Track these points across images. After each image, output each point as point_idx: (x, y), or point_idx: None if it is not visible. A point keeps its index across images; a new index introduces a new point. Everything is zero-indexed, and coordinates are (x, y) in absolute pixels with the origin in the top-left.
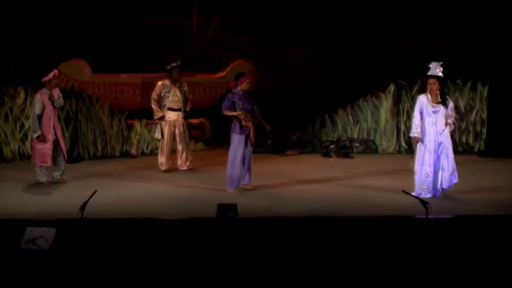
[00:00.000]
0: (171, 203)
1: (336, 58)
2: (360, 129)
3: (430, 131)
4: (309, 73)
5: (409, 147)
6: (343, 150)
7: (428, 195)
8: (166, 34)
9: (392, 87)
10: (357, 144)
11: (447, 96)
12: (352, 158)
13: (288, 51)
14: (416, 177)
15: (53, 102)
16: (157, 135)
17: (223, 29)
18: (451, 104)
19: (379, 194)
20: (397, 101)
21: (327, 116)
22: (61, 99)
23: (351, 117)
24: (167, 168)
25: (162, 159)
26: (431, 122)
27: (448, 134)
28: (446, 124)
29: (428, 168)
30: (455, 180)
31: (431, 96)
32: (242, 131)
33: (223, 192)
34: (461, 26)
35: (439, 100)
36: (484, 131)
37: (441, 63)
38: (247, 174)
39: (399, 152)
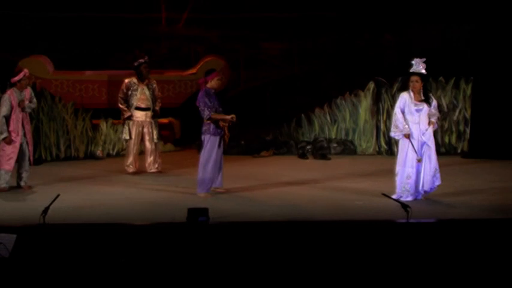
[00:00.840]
0: (139, 207)
1: (312, 54)
2: (337, 129)
3: (412, 130)
4: (284, 70)
5: (389, 147)
6: (320, 151)
7: (410, 198)
8: (133, 29)
9: (371, 85)
10: (335, 145)
11: (430, 94)
12: (329, 159)
13: (262, 46)
14: (398, 179)
15: (23, 109)
16: (125, 136)
17: (193, 24)
18: (434, 103)
19: (358, 197)
20: (376, 99)
21: (303, 115)
22: (33, 101)
23: (328, 117)
24: (135, 170)
25: (129, 161)
26: (414, 121)
27: (431, 134)
28: (430, 123)
29: (410, 170)
30: (438, 182)
31: (414, 94)
32: (217, 132)
33: (194, 195)
34: (444, 21)
35: (422, 98)
36: (468, 130)
37: (424, 59)
38: (219, 177)
39: (379, 153)
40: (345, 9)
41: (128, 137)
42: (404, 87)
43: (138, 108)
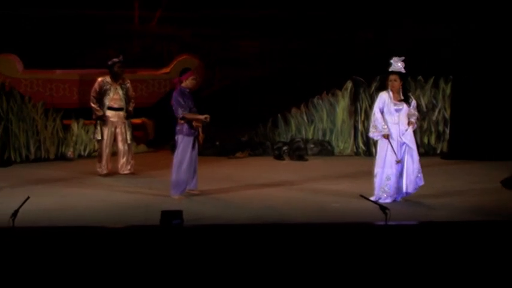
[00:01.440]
0: (112, 210)
1: (288, 52)
2: (314, 129)
3: (392, 130)
4: (260, 69)
5: (368, 148)
6: (297, 152)
7: (389, 200)
8: (106, 27)
9: (349, 84)
10: (312, 146)
11: (410, 94)
12: (306, 160)
13: (237, 45)
14: (377, 180)
15: None
16: (96, 136)
17: (167, 22)
18: (413, 102)
19: (335, 199)
20: (354, 99)
21: (279, 115)
22: None
23: (305, 117)
24: (107, 172)
25: (101, 162)
26: (393, 121)
27: (412, 134)
28: (409, 123)
29: (389, 171)
30: (421, 182)
31: (393, 93)
32: (191, 132)
33: (168, 197)
34: (423, 19)
35: (401, 98)
36: (447, 131)
37: (403, 58)
38: (193, 179)
39: (357, 153)
40: (322, 8)
41: (99, 138)
42: (382, 87)
43: (111, 108)
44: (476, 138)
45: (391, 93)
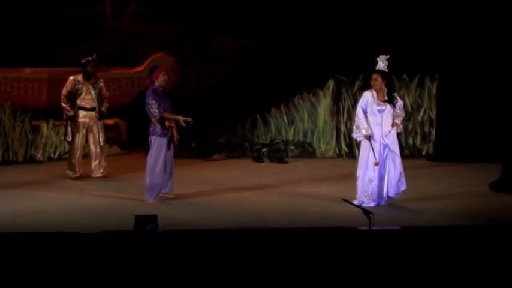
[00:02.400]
0: (83, 215)
1: (268, 51)
2: (295, 130)
3: (374, 131)
4: (238, 67)
5: (350, 150)
6: (277, 154)
7: (372, 204)
8: (76, 23)
9: (331, 84)
10: (292, 148)
11: (395, 94)
12: (286, 162)
13: (215, 42)
14: (359, 183)
15: None
16: (67, 138)
17: (141, 18)
18: (400, 103)
19: (317, 203)
20: (336, 99)
21: (258, 116)
22: None
23: (285, 117)
24: (78, 175)
25: (72, 165)
26: (376, 121)
27: (395, 136)
28: (393, 125)
29: (372, 174)
30: (403, 187)
31: (377, 93)
32: (164, 133)
33: (142, 202)
34: (408, 16)
35: (386, 98)
36: (433, 132)
37: (388, 56)
38: (169, 182)
39: (339, 155)
40: (303, 6)
41: (70, 139)
42: (366, 86)
43: (82, 109)
44: (463, 140)
45: (374, 92)
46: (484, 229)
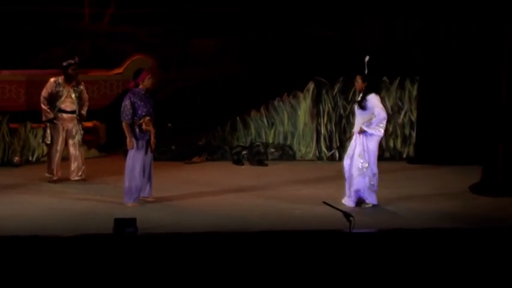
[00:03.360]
0: (62, 218)
1: (249, 52)
2: (275, 133)
3: (353, 130)
4: (218, 69)
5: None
6: (257, 156)
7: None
8: (54, 25)
9: (311, 86)
10: (272, 150)
11: (368, 97)
12: (266, 165)
13: (195, 43)
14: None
15: None
16: (46, 140)
17: (119, 20)
18: (376, 110)
19: (297, 206)
20: (316, 101)
21: (238, 118)
22: None
23: (265, 120)
24: (57, 178)
25: (51, 168)
26: (356, 121)
27: (360, 142)
28: (359, 128)
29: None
30: (350, 204)
31: (362, 94)
32: (141, 136)
33: (121, 205)
34: (388, 16)
35: (358, 99)
36: (414, 134)
37: (367, 58)
38: (148, 185)
39: (319, 158)
40: (283, 5)
41: (49, 141)
42: (346, 88)
43: (62, 111)
44: (444, 142)
45: (359, 94)
46: (465, 232)
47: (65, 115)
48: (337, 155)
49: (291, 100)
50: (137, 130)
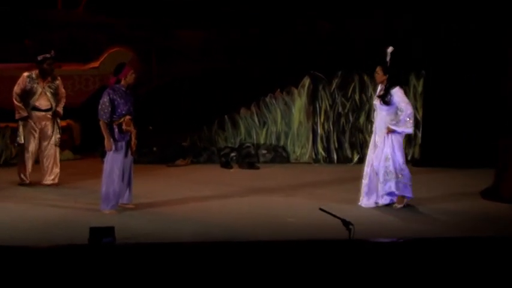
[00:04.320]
0: (33, 227)
1: (237, 44)
2: (267, 132)
3: (374, 126)
4: (204, 63)
5: (328, 154)
6: (247, 159)
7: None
8: (23, 14)
9: (307, 81)
10: (264, 152)
11: (392, 91)
12: (257, 168)
13: (179, 35)
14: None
15: None
16: (19, 140)
17: (96, 8)
18: (402, 105)
19: (291, 213)
20: (312, 97)
21: (226, 117)
22: None
23: (256, 118)
24: (28, 181)
25: (22, 171)
26: (376, 117)
27: (383, 141)
28: (387, 128)
29: (365, 169)
30: (393, 190)
31: (382, 87)
32: (121, 137)
33: (98, 212)
34: (391, 6)
35: (380, 93)
36: (419, 134)
37: (392, 48)
38: (127, 190)
39: (316, 160)
40: None
41: (22, 141)
42: (344, 83)
43: (36, 109)
44: (452, 143)
45: (380, 86)
46: (474, 241)
47: (39, 113)
48: (335, 157)
49: (284, 97)
50: (116, 130)
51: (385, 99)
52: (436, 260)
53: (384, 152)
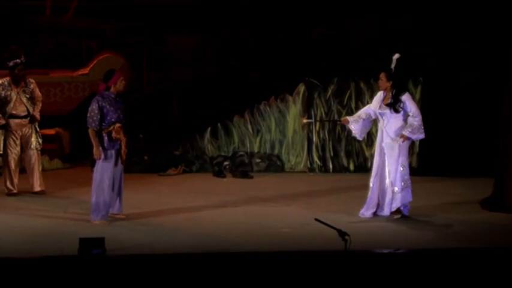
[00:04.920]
0: (21, 238)
1: (231, 50)
2: (261, 141)
3: (378, 134)
4: (197, 69)
5: (324, 163)
6: (241, 168)
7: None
8: (11, 20)
9: (302, 88)
10: (258, 161)
11: (402, 98)
12: (251, 177)
13: (170, 40)
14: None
15: None
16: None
17: (85, 14)
18: (413, 110)
19: (286, 224)
20: (308, 105)
21: (219, 125)
22: None
23: (250, 126)
24: (15, 191)
25: (8, 180)
26: (380, 125)
27: (396, 148)
28: (401, 136)
29: (370, 179)
30: (408, 199)
31: (385, 95)
32: (110, 145)
33: (88, 223)
34: (388, 11)
35: (389, 101)
36: (417, 143)
37: (399, 55)
38: (118, 200)
39: (311, 169)
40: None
41: (1, 151)
42: (340, 90)
43: (14, 117)
44: (450, 152)
45: (383, 93)
46: (473, 252)
47: (17, 121)
48: (330, 166)
49: (278, 104)
50: (106, 138)
51: (396, 106)
52: (435, 271)
53: (400, 161)
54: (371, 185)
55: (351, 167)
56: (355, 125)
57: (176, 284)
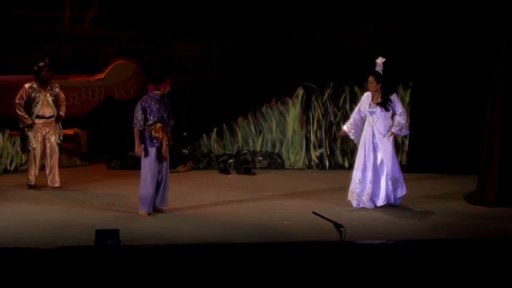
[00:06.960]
0: (41, 229)
1: (234, 57)
2: (263, 140)
3: (365, 132)
4: (203, 74)
5: (321, 161)
6: (244, 165)
7: (364, 205)
8: (33, 28)
9: (300, 92)
10: (260, 158)
11: (392, 98)
12: (254, 174)
13: (179, 47)
14: (351, 183)
15: None
16: (29, 146)
17: (101, 23)
18: (398, 108)
19: (286, 217)
20: (306, 107)
21: (224, 125)
22: None
23: (252, 127)
24: (35, 184)
25: (30, 175)
26: (369, 123)
27: (387, 143)
28: (391, 134)
29: (359, 174)
30: (403, 192)
31: (373, 95)
32: (151, 144)
33: (103, 215)
34: (381, 20)
35: (379, 101)
36: (406, 142)
37: (383, 59)
38: (160, 194)
39: (309, 167)
40: (271, 7)
41: (29, 148)
42: (336, 94)
43: (41, 117)
44: (438, 150)
45: (371, 95)
46: (459, 243)
47: (43, 121)
48: (327, 164)
49: (279, 106)
50: (148, 137)
51: (387, 105)
52: (426, 261)
53: (393, 156)
54: (361, 178)
55: (346, 164)
56: (353, 135)
57: (183, 272)
